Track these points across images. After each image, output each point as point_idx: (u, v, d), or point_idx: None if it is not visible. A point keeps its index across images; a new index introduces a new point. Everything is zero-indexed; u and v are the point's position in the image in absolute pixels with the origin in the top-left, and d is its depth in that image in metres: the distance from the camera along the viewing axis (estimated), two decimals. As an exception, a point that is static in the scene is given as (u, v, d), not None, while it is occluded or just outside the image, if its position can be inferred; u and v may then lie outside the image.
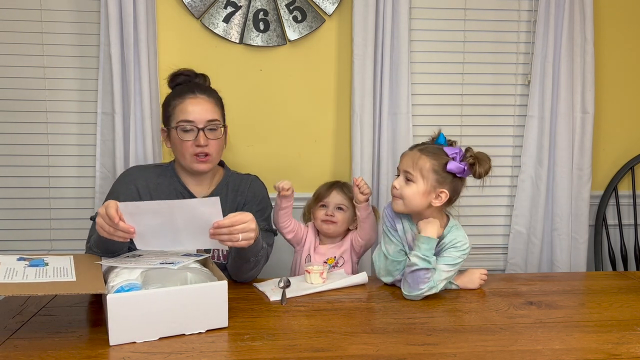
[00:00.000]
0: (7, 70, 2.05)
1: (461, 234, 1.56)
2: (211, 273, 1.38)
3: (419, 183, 1.50)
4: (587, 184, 2.19)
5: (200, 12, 2.06)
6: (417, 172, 1.50)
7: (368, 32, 2.05)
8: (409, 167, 1.51)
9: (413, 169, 1.50)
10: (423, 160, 1.50)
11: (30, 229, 2.13)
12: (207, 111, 1.62)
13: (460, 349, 1.17)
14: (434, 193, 1.51)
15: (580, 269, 2.22)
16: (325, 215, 1.74)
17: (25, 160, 2.10)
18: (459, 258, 1.53)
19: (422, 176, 1.50)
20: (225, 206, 1.69)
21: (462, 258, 1.53)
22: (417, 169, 1.50)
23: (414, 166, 1.50)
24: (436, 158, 1.50)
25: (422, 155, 1.51)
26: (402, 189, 1.52)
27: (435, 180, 1.50)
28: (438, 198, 1.51)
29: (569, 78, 2.13)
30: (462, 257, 1.53)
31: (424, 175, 1.50)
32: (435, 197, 1.51)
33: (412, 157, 1.52)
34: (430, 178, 1.50)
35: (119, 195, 1.63)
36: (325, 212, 1.75)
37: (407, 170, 1.52)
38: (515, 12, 2.20)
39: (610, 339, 1.23)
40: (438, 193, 1.51)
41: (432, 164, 1.50)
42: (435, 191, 1.51)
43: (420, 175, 1.50)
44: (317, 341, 1.21)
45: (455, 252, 1.53)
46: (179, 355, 1.13)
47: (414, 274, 1.47)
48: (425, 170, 1.50)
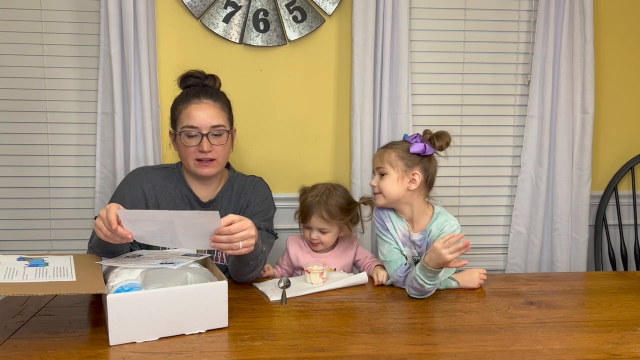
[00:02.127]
0: (7, 70, 2.04)
1: (446, 218, 1.62)
2: (211, 273, 1.38)
3: (391, 173, 1.62)
4: (587, 184, 2.19)
5: (200, 12, 2.06)
6: (387, 164, 1.63)
7: (368, 32, 2.05)
8: (378, 163, 1.66)
9: (382, 163, 1.64)
10: (388, 152, 1.64)
11: (30, 229, 2.13)
12: (212, 116, 1.61)
13: (460, 349, 1.18)
14: (407, 177, 1.62)
15: (580, 269, 2.22)
16: (310, 237, 1.76)
17: (25, 160, 2.10)
18: None
19: (392, 165, 1.62)
20: (229, 208, 1.70)
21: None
22: (385, 162, 1.63)
23: (382, 160, 1.64)
24: (399, 147, 1.65)
25: (386, 149, 1.66)
26: (379, 184, 1.64)
27: (404, 165, 1.62)
28: (412, 181, 1.62)
29: (569, 78, 2.13)
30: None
31: (392, 164, 1.62)
32: (410, 181, 1.62)
33: (379, 154, 1.67)
34: (399, 165, 1.62)
35: (125, 197, 1.63)
36: (311, 234, 1.75)
37: (378, 166, 1.65)
38: (515, 12, 2.20)
39: (610, 339, 1.23)
40: (411, 176, 1.62)
41: (397, 152, 1.63)
42: (408, 175, 1.62)
43: (390, 165, 1.62)
44: (317, 341, 1.21)
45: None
46: (179, 355, 1.13)
47: (423, 290, 1.49)
48: (392, 159, 1.62)
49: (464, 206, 2.26)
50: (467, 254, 1.43)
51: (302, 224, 1.78)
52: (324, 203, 1.72)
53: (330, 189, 1.76)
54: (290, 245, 1.80)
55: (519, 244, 2.24)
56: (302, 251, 1.79)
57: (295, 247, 1.79)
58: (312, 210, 1.72)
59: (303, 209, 1.76)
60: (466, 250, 1.42)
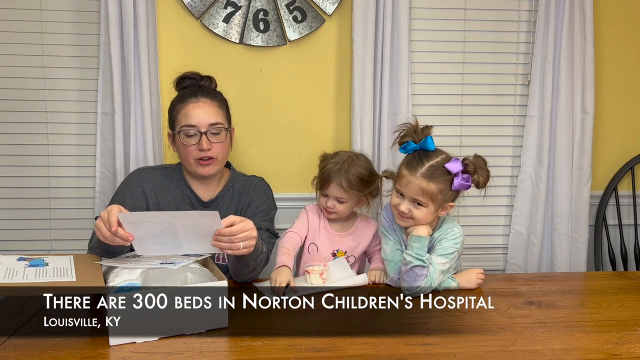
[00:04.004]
0: (7, 70, 2.04)
1: (452, 225, 1.60)
2: (211, 273, 1.38)
3: (430, 206, 1.53)
4: (587, 184, 2.19)
5: (200, 12, 2.06)
6: (427, 199, 1.52)
7: (368, 32, 2.05)
8: (418, 196, 1.52)
9: (423, 197, 1.52)
10: (431, 187, 1.51)
11: (30, 229, 2.12)
12: (210, 115, 1.62)
13: (460, 349, 1.17)
14: (442, 209, 1.56)
15: (580, 269, 2.22)
16: (325, 205, 1.72)
17: (25, 160, 2.10)
18: (451, 248, 1.54)
19: (432, 200, 1.52)
20: (230, 207, 1.70)
21: (456, 248, 1.55)
22: (426, 196, 1.51)
23: (423, 194, 1.51)
24: (442, 182, 1.52)
25: (429, 182, 1.51)
26: (413, 211, 1.54)
27: (443, 200, 1.54)
28: (445, 210, 1.57)
29: (569, 78, 2.13)
30: (455, 247, 1.55)
31: (433, 199, 1.52)
32: (442, 210, 1.56)
33: (418, 185, 1.51)
34: (439, 199, 1.53)
35: (125, 197, 1.63)
36: (327, 202, 1.72)
37: (417, 199, 1.52)
38: (515, 12, 2.19)
39: (610, 339, 1.23)
40: (446, 207, 1.56)
41: (440, 188, 1.52)
42: (444, 207, 1.56)
43: (430, 200, 1.52)
44: (317, 341, 1.21)
45: (447, 242, 1.56)
46: (179, 355, 1.13)
47: (410, 272, 1.49)
48: (434, 194, 1.52)
49: (464, 206, 2.26)
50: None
51: (320, 191, 1.73)
52: (345, 172, 1.67)
53: (353, 158, 1.71)
54: (311, 212, 1.75)
55: (518, 244, 2.24)
56: (319, 225, 1.74)
57: (315, 217, 1.75)
58: (332, 178, 1.68)
59: (322, 175, 1.70)
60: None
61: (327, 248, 1.73)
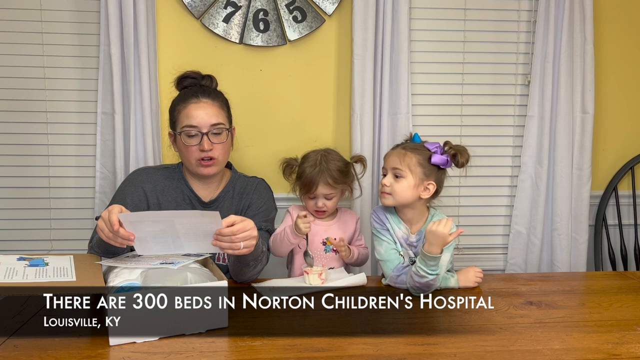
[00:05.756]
0: (7, 70, 2.04)
1: (442, 216, 1.61)
2: (211, 273, 1.39)
3: (409, 177, 1.59)
4: (587, 184, 2.19)
5: (200, 12, 2.06)
6: (406, 168, 1.59)
7: (368, 32, 2.05)
8: (396, 164, 1.60)
9: (401, 165, 1.59)
10: (409, 156, 1.59)
11: (30, 229, 2.13)
12: (211, 115, 1.62)
13: (460, 349, 1.18)
14: (422, 186, 1.60)
15: (580, 269, 2.22)
16: (315, 206, 1.74)
17: (25, 160, 2.10)
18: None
19: (411, 171, 1.59)
20: (231, 208, 1.70)
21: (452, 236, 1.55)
22: (404, 165, 1.59)
23: (401, 163, 1.59)
24: (420, 153, 1.60)
25: (407, 152, 1.60)
26: (393, 185, 1.60)
27: (422, 174, 1.59)
28: (426, 190, 1.60)
29: (569, 78, 2.13)
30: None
31: (411, 169, 1.59)
32: (424, 190, 1.60)
33: (398, 154, 1.61)
34: (418, 172, 1.59)
35: (126, 197, 1.63)
36: (315, 204, 1.73)
37: (396, 167, 1.60)
38: (515, 12, 2.19)
39: (610, 339, 1.23)
40: (426, 185, 1.60)
41: (418, 158, 1.59)
42: (423, 184, 1.60)
43: (409, 170, 1.59)
44: (317, 341, 1.21)
45: None
46: (179, 355, 1.13)
47: (425, 283, 1.50)
48: (412, 165, 1.59)
49: (464, 206, 2.26)
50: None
51: (306, 195, 1.75)
52: (326, 169, 1.70)
53: (325, 155, 1.75)
54: (294, 212, 1.76)
55: (518, 244, 2.24)
56: None
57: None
58: (317, 180, 1.70)
59: (305, 180, 1.71)
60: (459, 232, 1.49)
61: (317, 239, 1.74)
